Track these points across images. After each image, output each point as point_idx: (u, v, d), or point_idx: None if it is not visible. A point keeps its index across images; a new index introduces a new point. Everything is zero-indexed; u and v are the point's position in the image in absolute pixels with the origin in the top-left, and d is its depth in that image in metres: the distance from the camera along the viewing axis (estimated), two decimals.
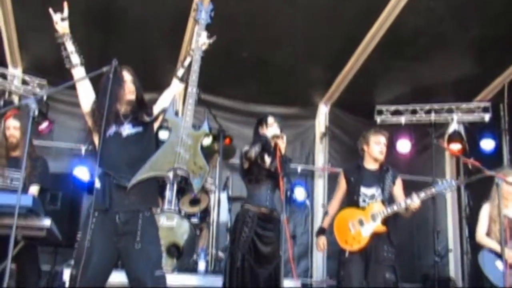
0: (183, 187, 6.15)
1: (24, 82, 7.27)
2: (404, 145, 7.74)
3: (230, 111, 7.97)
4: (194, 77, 3.71)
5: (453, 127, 7.94)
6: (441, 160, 8.42)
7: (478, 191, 7.49)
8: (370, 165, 4.99)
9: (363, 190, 4.89)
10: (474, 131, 7.94)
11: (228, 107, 8.01)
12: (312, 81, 7.87)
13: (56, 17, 3.72)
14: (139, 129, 3.79)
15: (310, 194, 7.92)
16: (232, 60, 7.23)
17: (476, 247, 7.59)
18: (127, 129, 3.77)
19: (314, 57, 7.28)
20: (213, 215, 5.96)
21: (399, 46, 7.01)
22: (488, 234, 5.25)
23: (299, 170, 7.95)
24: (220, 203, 5.81)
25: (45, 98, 7.10)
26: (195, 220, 6.07)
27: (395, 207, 4.73)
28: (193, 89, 3.68)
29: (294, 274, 4.37)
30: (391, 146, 7.70)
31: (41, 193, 5.01)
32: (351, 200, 4.92)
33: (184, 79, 3.84)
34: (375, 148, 4.96)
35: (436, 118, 7.80)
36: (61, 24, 3.72)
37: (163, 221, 5.60)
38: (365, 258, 4.72)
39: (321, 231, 4.99)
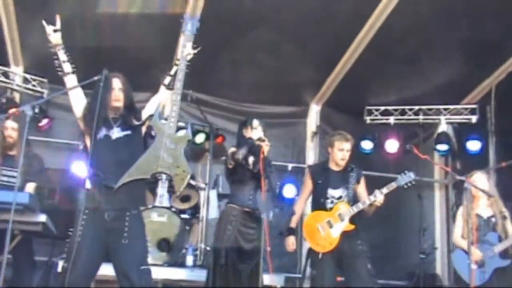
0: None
1: (25, 81, 7.51)
2: (392, 145, 7.97)
3: (223, 110, 8.21)
4: (179, 85, 3.96)
5: (441, 128, 8.16)
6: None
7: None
8: (335, 166, 5.19)
9: (331, 192, 5.10)
10: (461, 132, 8.17)
11: (221, 106, 8.24)
12: (303, 82, 8.06)
13: (49, 28, 3.97)
14: (127, 132, 4.05)
15: (300, 191, 8.13)
16: (225, 61, 7.48)
17: None
18: (116, 132, 4.03)
19: (305, 58, 7.49)
20: (203, 212, 6.22)
21: (388, 48, 7.20)
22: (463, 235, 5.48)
23: (290, 167, 8.19)
24: (210, 200, 6.05)
25: (45, 96, 7.34)
26: (185, 216, 6.32)
27: (360, 205, 4.97)
28: (177, 97, 3.92)
29: (271, 270, 4.58)
30: (379, 145, 7.99)
31: (38, 189, 5.32)
32: (318, 202, 5.13)
33: (171, 87, 4.08)
34: (338, 154, 5.15)
35: (424, 119, 7.99)
36: (53, 35, 3.97)
37: (154, 216, 5.86)
38: (337, 257, 4.94)
39: (290, 231, 5.22)
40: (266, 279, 5.25)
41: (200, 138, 7.60)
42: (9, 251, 4.35)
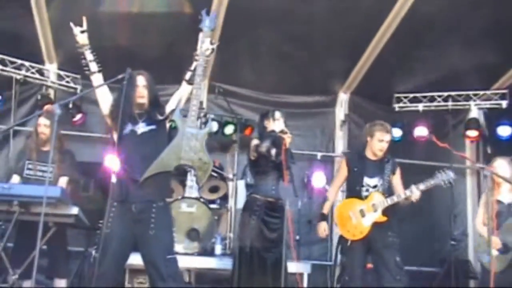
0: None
1: (59, 77, 7.75)
2: (421, 132, 7.94)
3: (252, 101, 8.30)
4: (198, 80, 4.08)
5: (472, 114, 8.11)
6: (461, 146, 8.56)
7: None
8: (372, 155, 5.18)
9: (367, 180, 5.09)
10: (492, 118, 8.09)
11: (250, 97, 8.34)
12: (331, 71, 8.11)
13: (76, 30, 4.15)
14: (152, 127, 4.20)
15: (329, 180, 8.20)
16: (253, 53, 7.59)
17: None
18: (141, 128, 4.19)
19: (332, 47, 7.54)
20: (231, 202, 6.36)
21: (414, 34, 7.18)
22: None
23: (319, 156, 8.26)
24: (238, 190, 6.18)
25: (78, 92, 7.57)
26: (214, 206, 6.47)
27: (395, 198, 4.96)
28: (197, 91, 4.05)
29: (295, 258, 4.70)
30: (408, 133, 7.98)
31: (73, 182, 5.56)
32: (353, 190, 5.14)
33: (192, 82, 4.21)
34: (377, 144, 5.12)
35: (453, 105, 7.94)
36: (80, 36, 4.15)
37: (184, 207, 6.03)
38: (367, 246, 4.99)
39: (322, 217, 5.23)
40: (292, 267, 5.38)
41: (229, 129, 7.73)
42: (45, 242, 4.64)
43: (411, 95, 8.14)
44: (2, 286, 4.68)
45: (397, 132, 7.94)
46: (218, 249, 6.01)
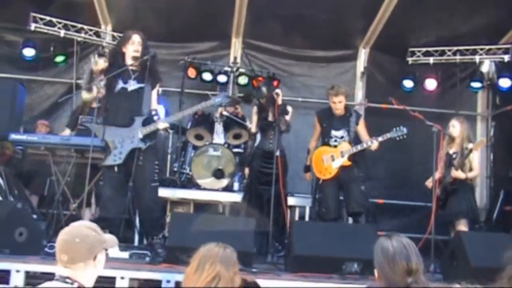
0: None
1: (113, 38, 9.02)
2: (431, 83, 8.79)
3: (279, 56, 9.34)
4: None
5: (483, 67, 8.89)
6: (473, 95, 9.33)
7: (503, 123, 8.71)
8: (336, 111, 6.31)
9: (334, 132, 6.29)
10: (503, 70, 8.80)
11: (278, 51, 9.36)
12: (352, 28, 9.05)
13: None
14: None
15: None
16: (280, 15, 8.57)
17: (497, 172, 8.79)
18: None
19: (350, 7, 8.44)
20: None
21: None
22: None
23: None
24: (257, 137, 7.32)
25: None
26: (237, 150, 7.67)
27: (359, 147, 6.12)
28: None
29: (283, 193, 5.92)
30: (419, 84, 8.85)
31: None
32: (324, 141, 6.34)
33: None
34: (332, 105, 6.33)
35: (460, 59, 8.69)
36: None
37: (211, 151, 7.26)
38: (337, 184, 6.17)
39: (306, 168, 6.52)
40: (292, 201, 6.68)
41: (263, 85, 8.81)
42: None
43: (424, 49, 8.91)
44: (65, 213, 6.09)
45: (409, 83, 8.83)
46: (236, 185, 7.27)
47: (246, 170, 6.55)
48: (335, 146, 6.22)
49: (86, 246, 2.45)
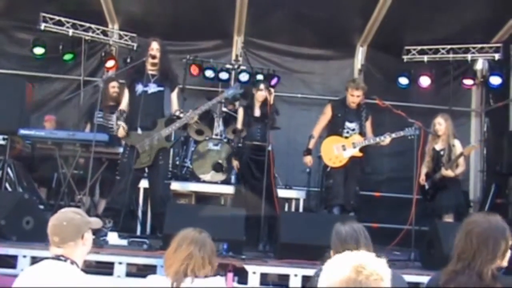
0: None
1: (120, 37, 9.35)
2: (425, 81, 9.07)
3: (280, 53, 9.68)
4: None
5: (477, 65, 9.18)
6: (468, 91, 9.60)
7: (495, 118, 9.00)
8: (351, 104, 6.57)
9: (348, 124, 6.54)
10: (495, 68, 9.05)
11: (280, 49, 9.70)
12: (350, 27, 9.39)
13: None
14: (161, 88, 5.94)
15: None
16: (281, 15, 8.94)
17: (490, 166, 9.06)
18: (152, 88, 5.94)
19: (348, 6, 8.76)
20: None
21: None
22: None
23: None
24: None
25: (134, 48, 9.19)
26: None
27: (372, 141, 6.39)
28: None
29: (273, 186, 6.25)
30: (414, 81, 9.14)
31: None
32: (336, 131, 6.55)
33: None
34: (350, 97, 6.55)
35: (453, 57, 8.96)
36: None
37: (210, 145, 7.61)
38: (344, 173, 6.46)
39: (308, 151, 6.71)
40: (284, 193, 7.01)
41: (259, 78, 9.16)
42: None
43: (419, 48, 9.18)
44: (70, 203, 6.48)
45: (404, 80, 9.12)
46: (233, 178, 7.62)
47: (236, 163, 6.80)
48: (346, 138, 6.49)
49: (73, 228, 2.83)
